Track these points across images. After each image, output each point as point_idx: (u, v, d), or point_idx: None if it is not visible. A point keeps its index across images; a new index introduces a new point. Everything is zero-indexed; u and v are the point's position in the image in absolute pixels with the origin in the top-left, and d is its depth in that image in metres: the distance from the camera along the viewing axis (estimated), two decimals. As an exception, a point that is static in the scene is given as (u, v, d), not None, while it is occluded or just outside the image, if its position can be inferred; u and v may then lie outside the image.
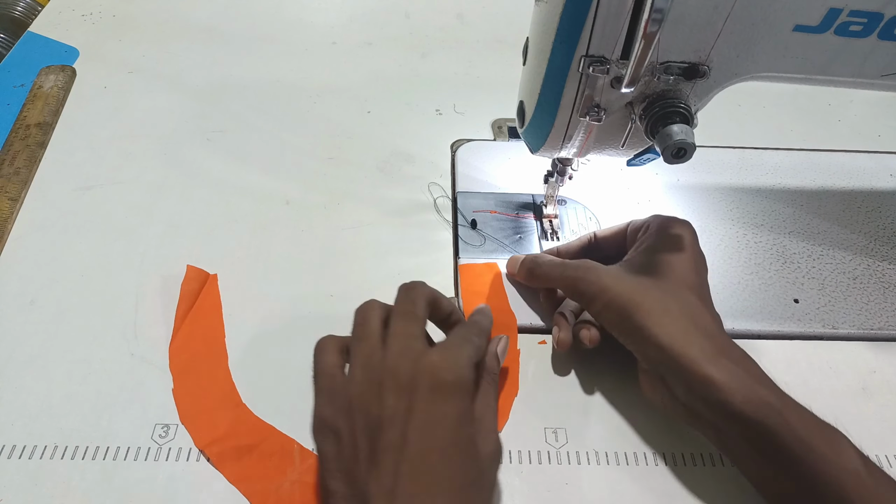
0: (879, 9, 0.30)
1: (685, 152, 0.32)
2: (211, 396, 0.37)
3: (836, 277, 0.46)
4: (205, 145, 0.54)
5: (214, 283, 0.42)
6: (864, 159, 0.56)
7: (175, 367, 0.38)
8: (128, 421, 0.36)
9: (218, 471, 0.34)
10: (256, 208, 0.49)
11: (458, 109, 0.59)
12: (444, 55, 0.65)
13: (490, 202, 0.49)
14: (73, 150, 0.52)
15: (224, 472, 0.34)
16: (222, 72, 0.61)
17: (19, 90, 0.57)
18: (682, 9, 0.29)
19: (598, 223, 0.48)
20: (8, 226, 0.46)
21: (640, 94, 0.33)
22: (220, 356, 0.39)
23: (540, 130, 0.37)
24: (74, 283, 0.43)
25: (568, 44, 0.32)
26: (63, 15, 0.67)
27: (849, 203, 0.51)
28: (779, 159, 0.55)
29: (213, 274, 0.43)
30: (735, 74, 0.33)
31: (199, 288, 0.42)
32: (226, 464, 0.35)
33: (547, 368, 0.40)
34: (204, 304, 0.41)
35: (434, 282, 0.36)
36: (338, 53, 0.65)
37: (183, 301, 0.41)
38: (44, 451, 0.35)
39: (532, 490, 0.35)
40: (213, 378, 0.38)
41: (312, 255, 0.46)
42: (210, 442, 0.35)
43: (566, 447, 0.36)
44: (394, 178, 0.52)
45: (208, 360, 0.39)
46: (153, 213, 0.48)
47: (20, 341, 0.40)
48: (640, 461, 0.36)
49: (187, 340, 0.40)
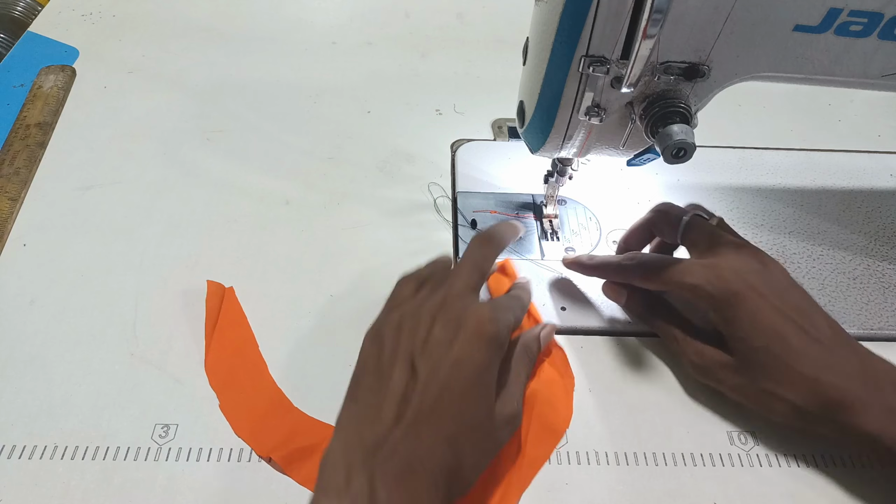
0: (879, 9, 0.30)
1: (685, 152, 0.32)
2: (260, 405, 0.37)
3: (836, 277, 0.46)
4: (204, 145, 0.54)
5: (232, 295, 0.42)
6: (864, 159, 0.56)
7: (216, 383, 0.38)
8: (128, 421, 0.36)
9: (287, 475, 0.34)
10: (256, 208, 0.49)
11: (458, 109, 0.59)
12: (443, 55, 0.65)
13: (490, 202, 0.49)
14: (73, 150, 0.52)
15: (293, 476, 0.34)
16: (222, 72, 0.61)
17: (19, 90, 0.57)
18: (682, 9, 0.29)
19: (599, 223, 0.48)
20: (8, 226, 0.46)
21: (640, 94, 0.33)
22: (258, 364, 0.39)
23: (540, 130, 0.37)
24: (74, 283, 0.43)
25: (568, 44, 0.32)
26: (63, 15, 0.67)
27: (849, 203, 0.51)
28: (779, 159, 0.55)
29: (228, 287, 0.43)
30: (735, 74, 0.33)
31: (220, 303, 0.42)
32: (293, 466, 0.35)
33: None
34: (228, 317, 0.41)
35: (434, 282, 0.36)
36: (338, 53, 0.65)
37: (209, 318, 0.41)
38: (44, 452, 0.35)
39: (532, 490, 0.35)
40: (258, 387, 0.38)
41: (312, 255, 0.46)
42: (273, 447, 0.35)
43: (566, 447, 0.36)
44: (394, 178, 0.52)
45: (247, 370, 0.39)
46: (153, 213, 0.48)
47: (20, 341, 0.40)
48: (640, 461, 0.36)
49: (221, 355, 0.39)
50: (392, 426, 0.29)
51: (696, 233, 0.39)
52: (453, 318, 0.32)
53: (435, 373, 0.30)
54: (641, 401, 0.39)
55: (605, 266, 0.42)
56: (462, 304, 0.33)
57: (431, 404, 0.30)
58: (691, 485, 0.35)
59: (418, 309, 0.34)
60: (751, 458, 0.36)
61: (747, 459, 0.36)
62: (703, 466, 0.36)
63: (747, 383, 0.35)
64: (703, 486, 0.35)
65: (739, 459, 0.36)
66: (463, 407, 0.30)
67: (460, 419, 0.30)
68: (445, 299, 0.33)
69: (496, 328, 0.32)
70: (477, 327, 0.31)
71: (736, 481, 0.35)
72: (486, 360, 0.31)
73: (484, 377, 0.31)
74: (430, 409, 0.30)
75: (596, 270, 0.43)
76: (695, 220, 0.40)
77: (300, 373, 0.39)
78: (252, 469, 0.35)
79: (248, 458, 0.35)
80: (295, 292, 0.43)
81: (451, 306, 0.33)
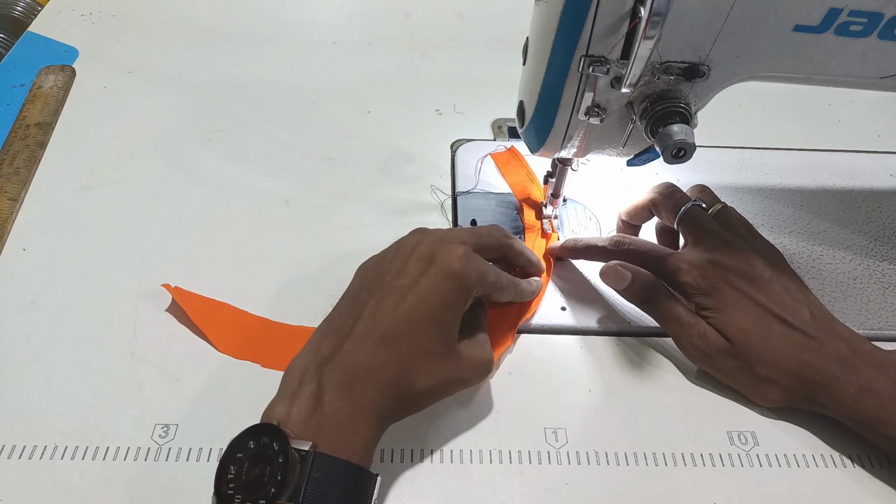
0: (879, 9, 0.30)
1: (685, 152, 0.32)
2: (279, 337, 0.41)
3: (836, 277, 0.46)
4: (204, 145, 0.54)
5: (178, 292, 0.42)
6: (864, 159, 0.56)
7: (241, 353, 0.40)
8: (128, 421, 0.36)
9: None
10: (256, 208, 0.49)
11: (458, 109, 0.59)
12: (444, 55, 0.65)
13: (490, 202, 0.49)
14: (73, 150, 0.52)
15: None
16: (222, 72, 0.61)
17: (19, 90, 0.57)
18: (681, 9, 0.29)
19: (598, 223, 0.48)
20: (8, 226, 0.46)
21: (640, 94, 0.33)
22: (239, 314, 0.42)
23: (540, 130, 0.37)
24: (74, 283, 0.43)
25: (568, 44, 0.32)
26: (63, 15, 0.67)
27: (849, 203, 0.51)
28: (779, 159, 0.55)
29: (173, 287, 0.42)
30: (735, 74, 0.33)
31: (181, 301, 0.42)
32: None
33: (547, 368, 0.40)
34: (192, 305, 0.41)
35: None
36: (338, 53, 0.65)
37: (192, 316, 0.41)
38: (44, 451, 0.35)
39: (532, 490, 0.35)
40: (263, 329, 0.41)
41: (312, 255, 0.46)
42: None
43: (566, 447, 0.36)
44: (394, 178, 0.52)
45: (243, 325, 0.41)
46: (153, 213, 0.48)
47: (20, 341, 0.40)
48: (640, 461, 0.36)
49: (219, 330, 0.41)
50: (346, 339, 0.32)
51: (692, 224, 0.41)
52: (427, 255, 0.34)
53: (398, 299, 0.32)
54: (641, 401, 0.39)
55: (592, 248, 0.43)
56: (439, 244, 0.35)
57: (389, 325, 0.32)
58: (691, 485, 0.35)
59: (403, 244, 0.36)
60: (751, 458, 0.36)
61: (747, 459, 0.36)
62: (703, 466, 0.36)
63: (743, 367, 0.37)
64: (703, 486, 0.35)
65: (739, 459, 0.36)
66: (420, 333, 0.32)
67: (416, 343, 0.32)
68: (425, 242, 0.35)
69: (463, 267, 0.33)
70: (445, 263, 0.33)
71: (736, 481, 0.35)
72: (447, 295, 0.33)
73: (444, 311, 0.33)
74: (386, 329, 0.32)
75: (583, 253, 0.44)
76: (693, 210, 0.41)
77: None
78: (252, 469, 0.35)
79: (248, 458, 0.35)
80: (295, 292, 0.43)
81: (429, 244, 0.35)
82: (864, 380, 0.35)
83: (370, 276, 0.35)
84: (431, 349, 0.32)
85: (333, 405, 0.29)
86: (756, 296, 0.37)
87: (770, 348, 0.36)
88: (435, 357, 0.33)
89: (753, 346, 0.36)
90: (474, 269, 0.34)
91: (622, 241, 0.41)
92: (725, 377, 0.38)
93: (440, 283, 0.33)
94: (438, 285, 0.33)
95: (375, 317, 0.32)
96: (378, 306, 0.33)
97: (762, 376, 0.37)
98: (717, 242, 0.39)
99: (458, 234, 0.37)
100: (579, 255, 0.44)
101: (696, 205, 0.41)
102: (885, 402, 0.34)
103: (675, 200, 0.42)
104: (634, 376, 0.40)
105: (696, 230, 0.40)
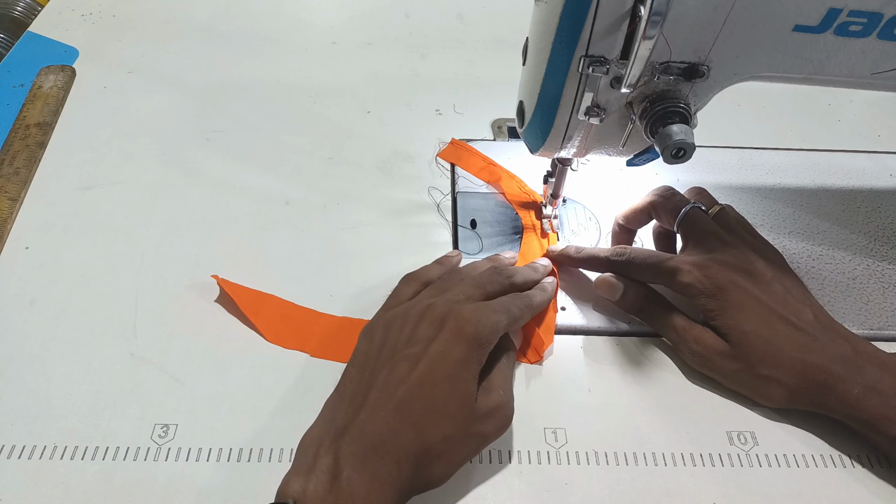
0: (879, 9, 0.30)
1: (685, 152, 0.32)
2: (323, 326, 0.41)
3: (835, 277, 0.46)
4: (204, 145, 0.54)
5: (227, 284, 0.42)
6: (864, 159, 0.56)
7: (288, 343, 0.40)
8: (128, 421, 0.36)
9: None
10: (256, 208, 0.49)
11: (457, 109, 0.59)
12: (443, 55, 0.65)
13: (490, 202, 0.49)
14: (73, 150, 0.52)
15: None
16: (222, 72, 0.61)
17: (19, 90, 0.57)
18: (681, 9, 0.29)
19: (598, 223, 0.48)
20: (8, 226, 0.46)
21: (639, 95, 0.33)
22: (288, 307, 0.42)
23: (540, 130, 0.37)
24: (74, 283, 0.43)
25: (567, 44, 0.32)
26: (63, 15, 0.67)
27: (849, 203, 0.51)
28: (779, 159, 0.55)
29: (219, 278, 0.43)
30: (735, 74, 0.33)
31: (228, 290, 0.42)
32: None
33: (548, 368, 0.40)
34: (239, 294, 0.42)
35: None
36: (338, 53, 0.65)
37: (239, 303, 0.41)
38: (44, 451, 0.35)
39: (532, 490, 0.35)
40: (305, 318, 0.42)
41: (312, 255, 0.46)
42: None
43: (566, 447, 0.36)
44: (394, 178, 0.52)
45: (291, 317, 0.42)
46: (153, 213, 0.48)
47: (20, 341, 0.40)
48: (640, 461, 0.36)
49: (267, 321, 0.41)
50: (361, 410, 0.31)
51: (692, 226, 0.41)
52: (438, 318, 0.34)
53: (411, 366, 0.32)
54: (641, 401, 0.39)
55: (594, 259, 0.43)
56: (448, 306, 0.34)
57: (402, 393, 0.31)
58: (691, 485, 0.35)
59: (410, 309, 0.35)
60: (751, 459, 0.36)
61: (747, 459, 0.36)
62: (703, 466, 0.36)
63: (744, 368, 0.37)
64: (702, 486, 0.35)
65: (739, 459, 0.36)
66: (434, 395, 0.32)
67: (431, 407, 0.31)
68: (434, 303, 0.35)
69: (475, 329, 0.33)
70: (457, 326, 0.33)
71: (736, 481, 0.35)
72: (461, 357, 0.32)
73: (459, 372, 0.32)
74: (400, 397, 0.31)
75: (584, 263, 0.44)
76: (693, 212, 0.41)
77: (301, 371, 0.39)
78: (252, 469, 0.35)
79: (248, 458, 0.35)
80: (295, 292, 0.43)
81: (439, 308, 0.34)
82: (868, 379, 0.35)
83: (378, 342, 0.35)
84: (446, 409, 0.32)
85: (351, 481, 0.29)
86: (760, 296, 0.37)
87: (773, 349, 0.36)
88: (450, 416, 0.32)
89: (756, 347, 0.36)
90: (485, 325, 0.33)
91: (622, 251, 0.41)
92: (726, 380, 0.38)
93: (452, 347, 0.33)
94: (451, 349, 0.32)
95: (388, 385, 0.32)
96: (391, 375, 0.32)
97: (764, 376, 0.36)
98: (717, 244, 0.39)
99: (463, 291, 0.36)
100: (580, 265, 0.44)
101: (696, 207, 0.41)
102: (890, 401, 0.34)
103: (675, 203, 0.42)
104: (634, 376, 0.40)
105: (696, 232, 0.40)
